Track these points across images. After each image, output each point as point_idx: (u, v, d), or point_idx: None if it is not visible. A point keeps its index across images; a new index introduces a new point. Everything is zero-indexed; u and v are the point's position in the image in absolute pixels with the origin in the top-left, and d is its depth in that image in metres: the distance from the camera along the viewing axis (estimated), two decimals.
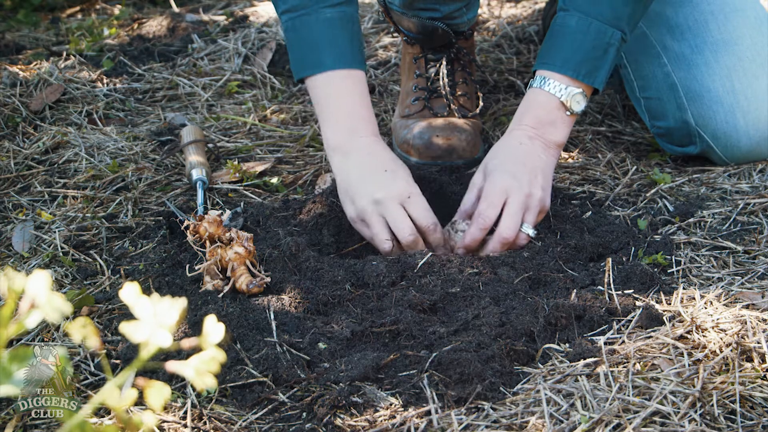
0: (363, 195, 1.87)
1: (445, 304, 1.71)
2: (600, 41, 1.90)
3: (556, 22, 1.94)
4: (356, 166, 1.90)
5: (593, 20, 1.90)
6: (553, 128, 1.92)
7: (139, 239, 2.01)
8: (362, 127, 1.93)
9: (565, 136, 1.94)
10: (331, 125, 1.93)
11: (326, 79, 1.94)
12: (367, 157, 1.91)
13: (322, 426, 1.43)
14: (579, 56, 1.90)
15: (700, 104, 2.14)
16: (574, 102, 1.91)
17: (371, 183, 1.87)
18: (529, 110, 1.94)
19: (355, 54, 1.95)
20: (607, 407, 1.39)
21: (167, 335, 0.83)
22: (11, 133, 2.53)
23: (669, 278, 1.77)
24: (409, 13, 2.19)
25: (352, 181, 1.89)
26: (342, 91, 1.94)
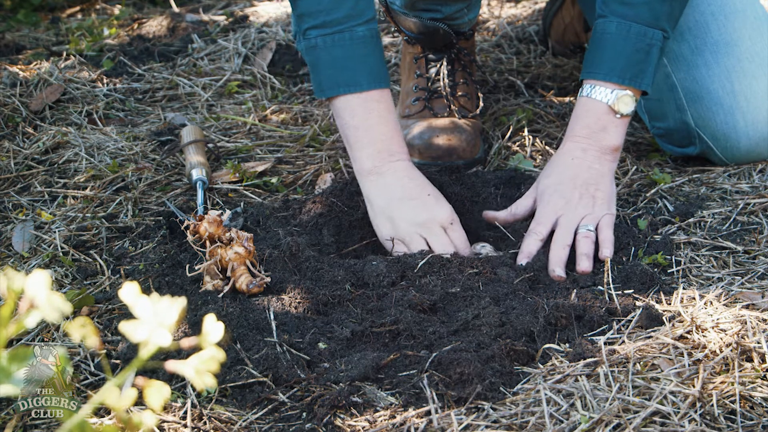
0: (406, 217, 1.88)
1: (445, 304, 1.71)
2: (641, 43, 1.91)
3: (596, 29, 1.95)
4: (397, 188, 1.90)
5: (632, 23, 1.91)
6: (605, 134, 1.93)
7: (139, 239, 2.01)
8: (398, 150, 1.93)
9: (618, 139, 1.94)
10: (366, 147, 1.91)
11: (361, 102, 1.92)
12: (408, 181, 1.91)
13: (322, 426, 1.43)
14: (622, 62, 1.91)
15: (699, 105, 2.14)
16: (622, 104, 1.91)
17: (415, 206, 1.89)
18: (578, 120, 1.95)
19: (384, 72, 1.94)
20: (607, 407, 1.39)
21: (167, 335, 0.83)
22: (11, 133, 2.53)
23: (669, 278, 1.77)
24: (410, 13, 2.19)
25: (393, 202, 1.89)
26: (377, 113, 1.92)
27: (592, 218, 1.87)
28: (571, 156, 1.93)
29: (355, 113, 1.92)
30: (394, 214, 1.89)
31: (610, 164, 1.94)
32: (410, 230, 1.88)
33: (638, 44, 1.91)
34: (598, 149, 1.92)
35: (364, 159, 1.92)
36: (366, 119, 1.92)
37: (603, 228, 1.86)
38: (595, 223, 1.87)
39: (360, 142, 1.92)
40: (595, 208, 1.88)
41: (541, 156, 2.31)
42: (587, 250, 1.82)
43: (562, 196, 1.89)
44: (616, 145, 1.94)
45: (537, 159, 2.30)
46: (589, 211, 1.88)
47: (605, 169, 1.93)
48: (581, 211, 1.87)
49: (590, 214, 1.87)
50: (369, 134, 1.91)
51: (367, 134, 1.92)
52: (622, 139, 1.94)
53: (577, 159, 1.93)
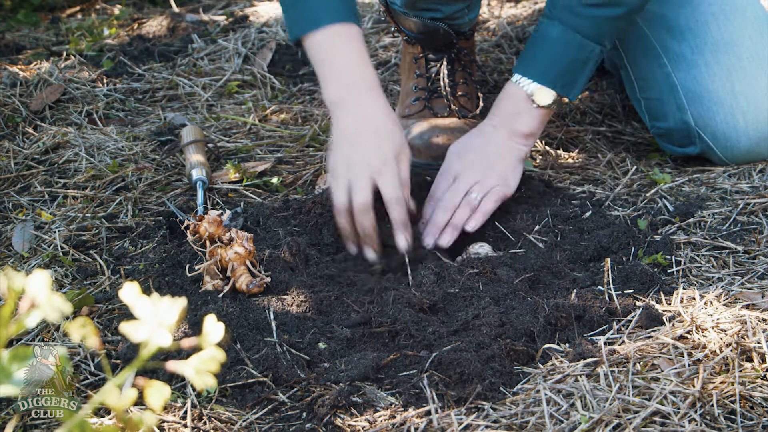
0: (340, 155, 1.86)
1: (445, 304, 1.71)
2: (580, 55, 1.94)
3: (539, 29, 1.98)
4: (348, 122, 1.87)
5: (575, 34, 1.93)
6: (519, 118, 1.99)
7: (139, 239, 2.01)
8: (359, 81, 1.90)
9: (532, 127, 1.99)
10: (329, 81, 1.90)
11: (321, 37, 1.89)
12: (359, 115, 1.88)
13: (322, 426, 1.43)
14: (557, 69, 1.95)
15: (700, 105, 2.14)
16: (540, 96, 1.96)
17: (357, 148, 1.85)
18: (498, 103, 2.03)
19: (350, 10, 1.92)
20: (607, 407, 1.39)
21: (167, 335, 0.83)
22: (11, 133, 2.53)
23: (669, 278, 1.77)
24: (410, 13, 2.19)
25: (337, 137, 1.88)
26: (338, 45, 1.90)
27: (484, 186, 1.95)
28: (481, 131, 2.02)
29: (319, 49, 1.90)
30: (341, 157, 1.86)
31: (519, 146, 2.00)
32: (339, 170, 1.85)
33: (577, 55, 1.94)
34: (509, 130, 1.99)
35: (327, 92, 1.90)
36: (327, 53, 1.89)
37: (487, 199, 1.94)
38: (484, 192, 1.94)
39: (323, 74, 1.90)
40: (490, 177, 1.96)
41: (541, 156, 2.31)
42: (458, 220, 1.92)
43: (462, 160, 1.99)
44: (528, 132, 1.99)
45: (537, 159, 2.30)
46: (483, 178, 1.96)
47: (512, 147, 1.99)
48: (475, 175, 1.96)
49: (483, 182, 1.96)
50: (331, 67, 1.89)
51: (329, 68, 1.89)
52: (535, 128, 1.99)
53: (486, 134, 2.01)
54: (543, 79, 1.95)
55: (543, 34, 1.97)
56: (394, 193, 1.83)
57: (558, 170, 2.23)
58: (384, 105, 1.90)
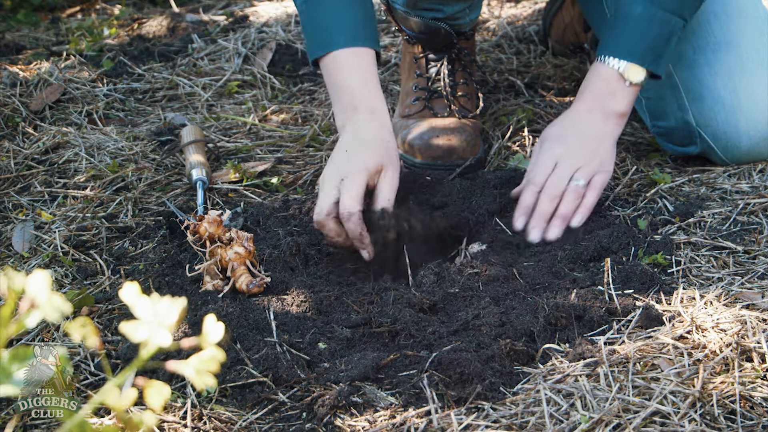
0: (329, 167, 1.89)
1: (445, 304, 1.71)
2: (664, 30, 1.97)
3: (621, 9, 2.00)
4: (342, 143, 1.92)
5: (658, 9, 1.96)
6: (613, 99, 1.99)
7: (139, 239, 2.01)
8: (361, 106, 1.94)
9: (625, 106, 2.00)
10: (336, 105, 1.97)
11: (334, 58, 1.95)
12: (352, 135, 1.92)
13: (322, 426, 1.43)
14: (644, 45, 1.97)
15: (701, 104, 2.14)
16: (632, 73, 1.97)
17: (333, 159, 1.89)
18: (588, 84, 2.03)
19: (367, 31, 1.97)
20: (607, 407, 1.39)
21: (167, 335, 0.83)
22: (11, 133, 2.53)
23: (669, 278, 1.77)
24: (412, 12, 2.19)
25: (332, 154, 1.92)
26: (348, 68, 1.95)
27: (587, 172, 1.95)
28: (577, 113, 2.01)
29: (329, 72, 1.97)
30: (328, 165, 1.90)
31: (615, 127, 2.00)
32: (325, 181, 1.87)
33: (661, 30, 1.97)
34: (603, 112, 1.99)
35: (336, 118, 1.97)
36: (336, 76, 1.96)
37: (592, 188, 1.94)
38: (588, 178, 1.95)
39: (333, 101, 1.98)
40: (593, 161, 1.96)
41: None
42: (566, 210, 1.92)
43: (563, 144, 1.98)
44: (623, 111, 1.99)
45: None
46: (586, 162, 1.96)
47: (609, 129, 1.99)
48: (578, 160, 1.95)
49: (586, 166, 1.95)
50: (338, 93, 1.96)
51: (335, 91, 1.96)
52: (629, 106, 2.00)
53: (583, 117, 2.00)
54: (632, 57, 1.96)
55: (626, 13, 1.98)
56: (345, 208, 1.82)
57: None
58: (379, 123, 1.93)
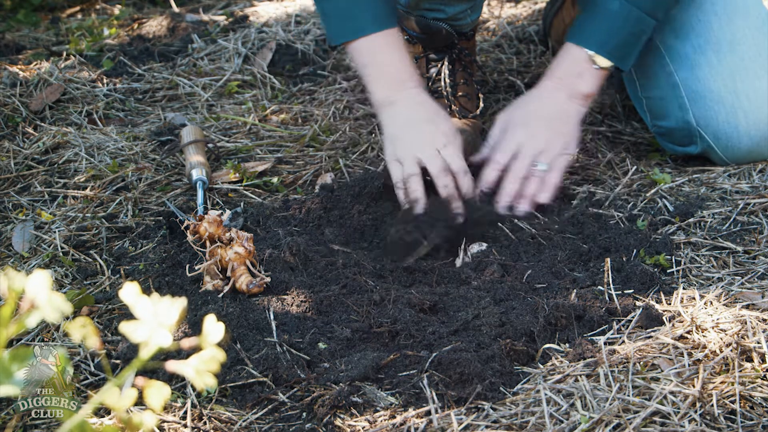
0: (405, 139, 1.98)
1: (445, 304, 1.71)
2: (636, 28, 2.02)
3: (597, 2, 2.03)
4: (403, 115, 2.01)
5: (633, 8, 2.00)
6: (580, 79, 2.04)
7: (139, 239, 2.01)
8: (408, 78, 2.03)
9: (592, 87, 2.04)
10: (379, 81, 2.04)
11: (369, 43, 2.02)
12: (414, 107, 2.02)
13: (322, 426, 1.43)
14: (616, 41, 2.03)
15: (702, 104, 2.14)
16: (601, 58, 2.02)
17: (415, 130, 1.99)
18: (557, 63, 2.08)
19: (390, 13, 2.05)
20: (607, 407, 1.39)
21: (167, 335, 0.83)
22: (11, 133, 2.53)
23: (669, 278, 1.77)
24: (414, 13, 2.20)
25: (398, 127, 2.01)
26: (385, 50, 2.03)
27: (549, 155, 2.00)
28: (541, 93, 2.07)
29: (364, 54, 2.04)
30: (397, 138, 2.00)
31: (579, 107, 2.05)
32: (407, 152, 1.96)
33: (634, 29, 2.02)
34: (569, 91, 2.04)
35: (377, 91, 2.04)
36: (374, 56, 2.03)
37: (554, 170, 2.00)
38: (550, 161, 2.00)
39: (372, 77, 2.04)
40: (555, 144, 2.01)
41: None
42: (532, 191, 1.98)
43: (526, 127, 2.03)
44: (588, 92, 2.05)
45: None
46: (548, 146, 2.01)
47: (572, 110, 2.04)
48: (540, 144, 2.01)
49: (549, 150, 2.01)
50: (379, 69, 2.03)
51: (377, 69, 2.03)
52: (595, 88, 2.05)
53: (547, 96, 2.06)
54: (602, 50, 2.02)
55: (603, 8, 2.02)
56: (461, 165, 1.96)
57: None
58: (432, 100, 2.05)
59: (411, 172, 1.95)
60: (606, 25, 2.02)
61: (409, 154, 1.96)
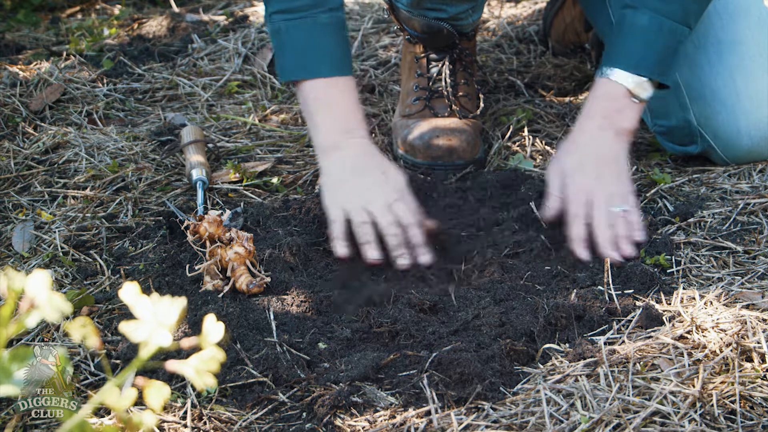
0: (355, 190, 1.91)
1: (445, 304, 1.71)
2: (672, 40, 1.95)
3: (625, 20, 1.97)
4: (351, 163, 1.94)
5: (665, 19, 1.94)
6: (622, 116, 1.96)
7: (139, 239, 2.01)
8: (357, 126, 1.98)
9: (634, 123, 1.98)
10: (326, 125, 1.98)
11: (322, 85, 1.98)
12: (364, 157, 1.96)
13: (322, 426, 1.43)
14: (653, 56, 1.95)
15: (702, 103, 2.14)
16: (641, 89, 1.95)
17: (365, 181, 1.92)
18: (596, 101, 1.99)
19: (347, 61, 2.01)
20: (607, 407, 1.39)
21: (167, 335, 0.83)
22: (11, 133, 2.53)
23: (669, 278, 1.77)
24: (415, 12, 2.19)
25: (346, 175, 1.93)
26: (337, 95, 1.99)
27: (622, 197, 1.91)
28: (591, 135, 1.97)
29: (316, 96, 1.99)
30: (344, 186, 1.93)
31: (625, 145, 1.98)
32: (353, 200, 1.90)
33: (669, 41, 1.95)
34: (615, 130, 1.96)
35: (323, 135, 1.98)
36: (326, 101, 1.98)
37: (631, 208, 1.91)
38: (624, 202, 1.90)
39: (319, 119, 1.98)
40: (620, 186, 1.93)
41: (541, 156, 2.31)
42: (625, 232, 1.86)
43: (590, 174, 1.92)
44: (632, 128, 1.98)
45: (537, 159, 2.30)
46: (617, 189, 1.92)
47: (621, 148, 1.97)
48: (612, 188, 1.91)
49: (619, 193, 1.92)
50: (328, 113, 1.98)
51: (326, 113, 1.98)
52: (637, 123, 1.98)
53: (597, 138, 1.97)
54: (641, 69, 1.94)
55: (631, 24, 1.96)
56: (412, 220, 1.88)
57: None
58: (379, 152, 1.99)
59: (362, 220, 1.87)
60: (639, 43, 1.95)
61: (358, 205, 1.88)
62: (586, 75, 2.77)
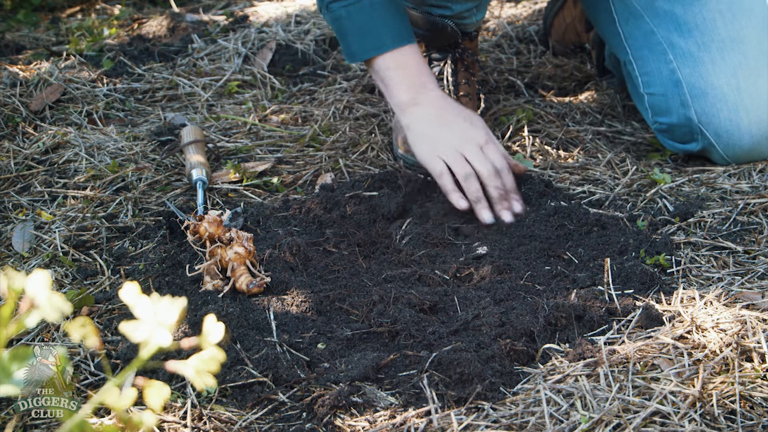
0: (444, 138, 2.03)
1: (445, 304, 1.71)
2: None
3: None
4: (433, 114, 2.06)
5: None
6: None
7: (139, 239, 2.01)
8: (430, 82, 2.09)
9: None
10: (400, 87, 2.09)
11: (390, 57, 2.09)
12: (443, 106, 2.07)
13: (322, 426, 1.43)
14: None
15: (704, 101, 2.15)
16: None
17: (453, 129, 2.04)
18: None
19: (408, 30, 2.11)
20: (607, 407, 1.39)
21: (167, 335, 0.83)
22: (11, 133, 2.53)
23: (669, 278, 1.77)
24: (419, 9, 2.20)
25: (431, 126, 2.05)
26: (406, 59, 2.10)
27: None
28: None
29: (387, 66, 2.10)
30: (434, 137, 2.04)
31: None
32: (448, 150, 2.01)
33: None
34: None
35: (400, 94, 2.09)
36: (397, 65, 2.09)
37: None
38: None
39: (394, 81, 2.10)
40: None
41: (541, 156, 2.31)
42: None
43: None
44: None
45: (537, 159, 2.30)
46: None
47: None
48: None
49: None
50: (401, 74, 2.09)
51: (399, 75, 2.09)
52: None
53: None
54: None
55: None
56: (504, 164, 2.03)
57: (558, 170, 2.23)
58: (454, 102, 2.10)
59: (466, 171, 2.00)
60: None
61: (453, 152, 2.01)
62: (586, 75, 2.77)
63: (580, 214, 1.98)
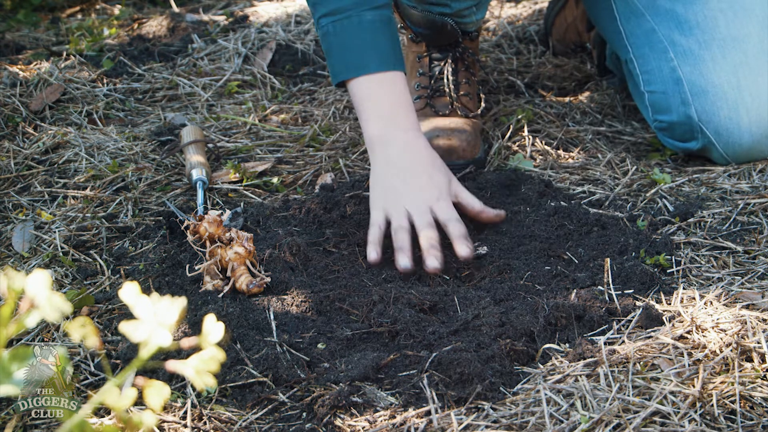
0: (396, 189, 1.90)
1: (445, 304, 1.71)
2: None
3: None
4: (396, 161, 1.92)
5: None
6: None
7: (139, 239, 2.01)
8: (405, 118, 1.95)
9: None
10: (372, 119, 1.95)
11: (369, 81, 1.96)
12: (410, 152, 1.93)
13: (322, 426, 1.43)
14: None
15: (704, 99, 2.15)
16: None
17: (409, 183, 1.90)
18: None
19: (396, 56, 1.98)
20: (607, 407, 1.39)
21: (167, 335, 0.83)
22: (11, 133, 2.53)
23: (669, 278, 1.77)
24: (419, 6, 2.20)
25: (389, 172, 1.91)
26: (384, 89, 1.96)
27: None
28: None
29: (365, 91, 1.96)
30: (388, 188, 1.91)
31: None
32: (396, 205, 1.89)
33: None
34: None
35: (370, 127, 1.95)
36: (375, 94, 1.96)
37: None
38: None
39: (368, 113, 1.96)
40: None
41: (541, 156, 2.31)
42: None
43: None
44: None
45: (537, 159, 2.30)
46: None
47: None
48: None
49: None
50: (376, 106, 1.95)
51: (374, 106, 1.95)
52: None
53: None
54: None
55: None
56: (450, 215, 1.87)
57: (558, 170, 2.23)
58: (428, 145, 1.96)
59: (400, 224, 1.86)
60: None
61: (400, 208, 1.88)
62: (586, 75, 2.77)
63: (580, 214, 1.98)
